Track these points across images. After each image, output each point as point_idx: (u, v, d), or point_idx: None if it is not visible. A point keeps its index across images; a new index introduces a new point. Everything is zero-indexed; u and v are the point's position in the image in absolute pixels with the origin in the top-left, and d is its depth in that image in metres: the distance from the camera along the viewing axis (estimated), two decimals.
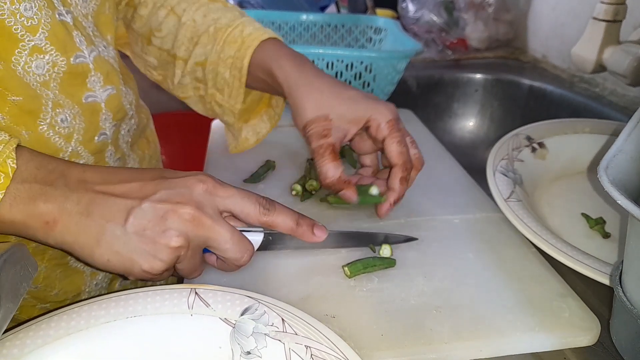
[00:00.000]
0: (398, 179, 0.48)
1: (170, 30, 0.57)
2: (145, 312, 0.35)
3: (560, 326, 0.38)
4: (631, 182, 0.35)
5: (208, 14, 0.56)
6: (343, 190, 0.48)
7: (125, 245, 0.35)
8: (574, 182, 0.59)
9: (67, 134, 0.44)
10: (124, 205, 0.36)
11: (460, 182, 0.59)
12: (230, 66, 0.55)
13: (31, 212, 0.34)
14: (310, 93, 0.49)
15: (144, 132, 0.60)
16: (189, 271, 0.40)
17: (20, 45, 0.40)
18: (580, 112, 0.85)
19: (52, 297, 0.48)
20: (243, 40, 0.54)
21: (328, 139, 0.48)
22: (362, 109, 0.48)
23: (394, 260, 0.44)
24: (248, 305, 0.36)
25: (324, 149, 0.48)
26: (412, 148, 0.50)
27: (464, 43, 1.09)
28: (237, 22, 0.55)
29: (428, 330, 0.37)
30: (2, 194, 0.33)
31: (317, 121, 0.48)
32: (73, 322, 0.34)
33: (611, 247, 0.49)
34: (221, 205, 0.38)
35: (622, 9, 0.64)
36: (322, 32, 0.97)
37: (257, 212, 0.39)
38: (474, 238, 0.48)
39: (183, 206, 0.36)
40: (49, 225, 0.34)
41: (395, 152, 0.48)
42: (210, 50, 0.55)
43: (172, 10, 0.57)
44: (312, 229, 0.42)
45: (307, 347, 0.33)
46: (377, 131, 0.48)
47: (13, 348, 0.32)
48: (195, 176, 0.38)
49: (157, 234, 0.36)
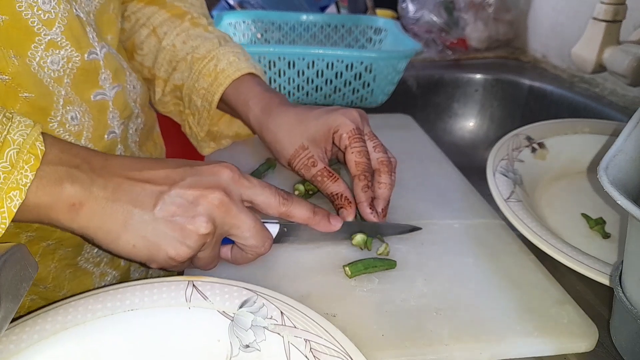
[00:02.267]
0: (359, 188, 0.48)
1: (151, 50, 0.59)
2: (142, 305, 0.35)
3: (558, 332, 0.38)
4: (631, 182, 0.35)
5: (187, 40, 0.58)
6: (343, 207, 0.48)
7: (153, 231, 0.35)
8: (574, 182, 0.59)
9: (77, 131, 0.44)
10: (152, 191, 0.36)
11: (458, 187, 0.58)
12: (202, 97, 0.57)
13: (57, 194, 0.33)
14: (280, 130, 0.51)
15: (151, 134, 0.60)
16: (208, 261, 0.40)
17: (36, 39, 0.39)
18: (580, 112, 0.85)
19: (60, 298, 0.48)
20: (216, 75, 0.55)
21: (317, 166, 0.49)
22: (327, 123, 0.49)
23: (394, 262, 0.44)
24: (246, 298, 0.36)
25: (320, 176, 0.49)
26: (376, 152, 0.50)
27: (464, 43, 1.09)
28: (212, 53, 0.56)
29: (428, 331, 0.37)
30: (32, 175, 0.32)
31: (297, 154, 0.50)
32: (70, 316, 0.34)
33: (611, 247, 0.49)
34: (244, 194, 0.39)
35: (622, 9, 0.64)
36: (322, 33, 0.97)
37: (277, 203, 0.40)
38: (473, 243, 0.48)
39: (213, 191, 0.36)
40: (74, 208, 0.34)
41: (352, 164, 0.48)
42: (187, 77, 0.57)
43: (154, 31, 0.58)
44: (328, 218, 0.43)
45: (306, 340, 0.33)
46: (339, 142, 0.49)
47: (9, 344, 0.32)
48: (221, 164, 0.39)
49: (187, 220, 0.36)
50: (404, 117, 0.78)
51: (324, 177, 0.49)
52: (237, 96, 0.55)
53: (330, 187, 0.48)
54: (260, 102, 0.53)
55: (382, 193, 0.49)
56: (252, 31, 0.96)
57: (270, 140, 0.52)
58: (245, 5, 1.08)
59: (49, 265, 0.46)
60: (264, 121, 0.52)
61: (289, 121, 0.51)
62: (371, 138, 0.50)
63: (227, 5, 1.08)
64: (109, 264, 0.52)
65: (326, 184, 0.49)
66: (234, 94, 0.55)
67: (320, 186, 0.49)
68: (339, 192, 0.48)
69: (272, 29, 0.97)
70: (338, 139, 0.49)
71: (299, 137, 0.50)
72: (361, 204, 0.48)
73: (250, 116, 0.54)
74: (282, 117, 0.51)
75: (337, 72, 0.76)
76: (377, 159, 0.49)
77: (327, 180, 0.48)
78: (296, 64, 0.76)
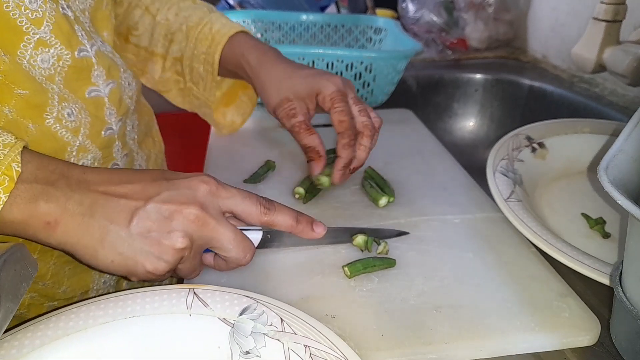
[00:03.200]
0: (341, 145, 0.51)
1: (146, 28, 0.62)
2: (143, 312, 0.35)
3: (560, 326, 0.38)
4: (631, 182, 0.35)
5: (179, 12, 0.61)
6: (313, 160, 0.52)
7: (129, 247, 0.35)
8: (574, 182, 0.59)
9: (74, 127, 0.44)
10: (128, 206, 0.36)
11: (460, 182, 0.59)
12: (203, 62, 0.60)
13: (32, 212, 0.34)
14: (270, 80, 0.55)
15: (150, 131, 0.61)
16: (189, 272, 0.40)
17: (25, 38, 0.40)
18: (580, 112, 0.85)
19: (60, 295, 0.48)
20: (213, 37, 0.59)
21: (297, 117, 0.52)
22: (311, 84, 0.53)
23: (394, 261, 0.44)
24: (247, 305, 0.36)
25: (297, 127, 0.52)
26: (360, 116, 0.53)
27: (464, 43, 1.09)
28: (205, 19, 0.60)
29: (428, 330, 0.37)
30: (5, 197, 0.32)
31: (281, 104, 0.53)
32: (71, 322, 0.34)
33: (611, 247, 0.49)
34: (223, 206, 0.39)
35: (622, 9, 0.64)
36: (322, 32, 0.97)
37: (258, 212, 0.40)
38: (474, 238, 0.48)
39: (188, 207, 0.36)
40: (50, 225, 0.34)
41: (336, 121, 0.51)
42: (185, 47, 0.60)
43: (147, 10, 0.62)
44: (312, 225, 0.42)
45: (306, 346, 0.33)
46: (323, 103, 0.52)
47: (11, 349, 0.32)
48: (198, 177, 0.39)
49: (163, 235, 0.36)
50: (405, 112, 0.78)
51: (301, 129, 0.52)
52: (232, 52, 0.58)
53: (305, 139, 0.52)
54: (254, 53, 0.57)
55: (359, 154, 0.53)
56: (252, 31, 0.96)
57: (259, 88, 0.56)
58: (245, 5, 1.08)
59: (48, 262, 0.46)
60: (257, 71, 0.56)
61: (279, 74, 0.54)
62: (356, 103, 0.53)
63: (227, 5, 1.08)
64: None
65: (302, 135, 0.52)
66: (229, 51, 0.58)
67: (296, 137, 0.53)
68: (312, 145, 0.52)
69: (272, 28, 0.97)
70: (322, 101, 0.52)
71: (285, 90, 0.54)
72: (340, 159, 0.52)
73: (245, 67, 0.57)
74: (273, 70, 0.55)
75: (337, 72, 0.76)
76: (361, 122, 0.52)
77: (304, 132, 0.52)
78: None
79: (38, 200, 0.34)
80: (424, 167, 0.61)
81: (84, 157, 0.45)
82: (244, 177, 0.58)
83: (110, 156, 0.49)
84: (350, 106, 0.52)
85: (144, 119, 0.58)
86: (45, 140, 0.42)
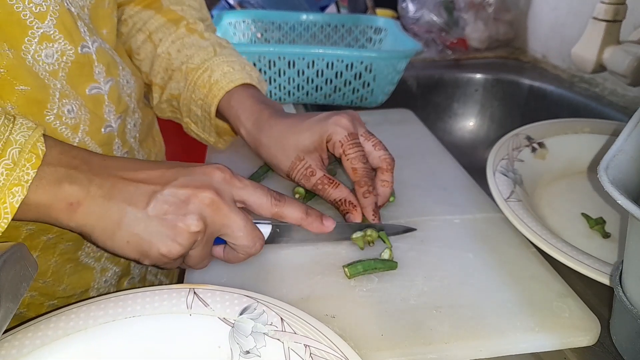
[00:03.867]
0: (360, 194, 0.48)
1: (147, 56, 0.59)
2: (143, 312, 0.35)
3: (560, 326, 0.38)
4: (631, 182, 0.35)
5: (182, 49, 0.57)
6: (349, 212, 0.48)
7: (145, 228, 0.36)
8: (574, 182, 0.59)
9: (73, 124, 0.44)
10: (146, 190, 0.37)
11: (460, 182, 0.59)
12: (201, 107, 0.56)
13: (56, 194, 0.35)
14: (275, 144, 0.51)
15: (151, 131, 0.61)
16: (199, 259, 0.40)
17: (29, 32, 0.40)
18: (580, 112, 0.85)
19: (60, 293, 0.48)
20: (210, 87, 0.55)
21: (316, 175, 0.49)
22: (318, 134, 0.49)
23: (395, 263, 0.44)
24: (247, 305, 0.36)
25: (320, 184, 0.49)
26: (376, 150, 0.50)
27: (464, 43, 1.09)
28: (206, 64, 0.56)
29: (428, 330, 0.37)
30: (34, 172, 0.34)
31: (294, 167, 0.50)
32: (72, 322, 0.34)
33: (611, 247, 0.49)
34: (236, 195, 0.40)
35: (622, 9, 0.64)
36: (322, 32, 0.97)
37: (269, 204, 0.41)
38: (474, 238, 0.48)
39: (203, 191, 0.37)
40: (72, 206, 0.35)
41: (350, 171, 0.48)
42: (183, 88, 0.57)
43: (150, 37, 0.58)
44: (321, 219, 0.43)
45: (306, 346, 0.33)
46: (333, 150, 0.49)
47: (12, 349, 0.32)
48: (213, 165, 0.40)
49: (178, 218, 0.37)
50: (405, 112, 0.78)
51: (325, 184, 0.49)
52: (229, 110, 0.54)
53: (332, 194, 0.49)
54: (252, 116, 0.53)
55: (383, 191, 0.50)
56: (252, 31, 0.96)
57: (265, 156, 0.52)
58: (245, 5, 1.08)
59: (49, 260, 0.46)
60: (257, 136, 0.52)
61: (281, 134, 0.50)
62: (368, 138, 0.50)
63: (227, 5, 1.08)
64: (110, 259, 0.52)
65: (328, 192, 0.49)
66: (226, 108, 0.55)
67: (322, 194, 0.50)
68: (342, 197, 0.49)
69: (272, 28, 0.97)
70: (332, 148, 0.49)
71: (293, 150, 0.50)
72: (365, 209, 0.48)
73: (242, 131, 0.54)
74: (273, 131, 0.51)
75: (337, 72, 0.76)
76: (379, 157, 0.49)
77: (329, 187, 0.49)
78: (296, 64, 0.76)
79: (62, 183, 0.35)
80: (424, 167, 0.61)
81: None
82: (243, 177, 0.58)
83: (110, 154, 0.49)
84: (362, 146, 0.49)
85: (147, 118, 0.58)
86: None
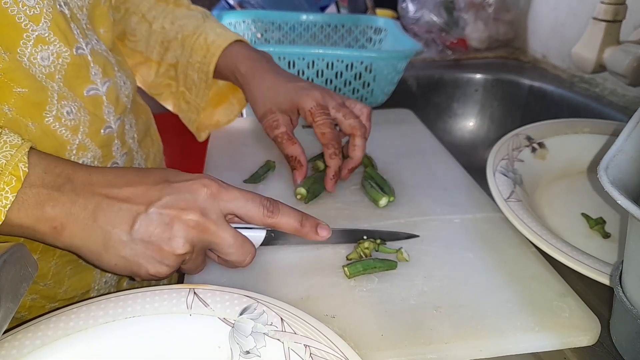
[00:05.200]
0: (327, 156, 0.53)
1: (143, 35, 0.64)
2: (144, 312, 0.35)
3: (560, 326, 0.38)
4: (631, 182, 0.35)
5: (175, 20, 0.63)
6: (295, 168, 0.54)
7: (131, 251, 0.36)
8: (574, 182, 0.59)
9: (73, 126, 0.44)
10: (130, 211, 0.36)
11: (460, 182, 0.59)
12: (197, 70, 0.62)
13: (39, 217, 0.34)
14: (258, 91, 0.57)
15: (148, 131, 0.61)
16: (193, 269, 0.41)
17: (24, 35, 0.40)
18: (580, 112, 0.85)
19: (61, 295, 0.48)
20: (208, 47, 0.61)
21: (280, 128, 0.55)
22: (292, 98, 0.54)
23: (395, 263, 0.44)
24: (247, 305, 0.36)
25: (280, 137, 0.55)
26: (347, 119, 0.54)
27: (464, 43, 1.09)
28: (200, 28, 0.62)
29: (428, 330, 0.37)
30: (13, 196, 0.33)
31: (265, 115, 0.56)
32: (72, 322, 0.34)
33: (611, 247, 0.49)
34: (225, 209, 0.39)
35: (622, 9, 0.64)
36: (322, 32, 0.97)
37: (260, 215, 0.40)
38: (474, 238, 0.48)
39: (188, 213, 0.37)
40: (56, 230, 0.35)
41: (319, 134, 0.53)
42: (180, 55, 0.63)
43: (144, 17, 0.64)
44: (316, 228, 0.42)
45: (306, 346, 0.33)
46: (305, 117, 0.55)
47: (12, 349, 0.32)
48: (199, 180, 0.38)
49: (163, 241, 0.36)
50: (405, 112, 0.78)
51: (284, 139, 0.54)
52: (226, 62, 0.60)
53: (287, 149, 0.54)
54: (246, 63, 0.59)
55: (355, 154, 0.55)
56: (252, 31, 0.96)
57: (249, 98, 0.59)
58: (245, 5, 1.08)
59: (49, 262, 0.46)
60: (248, 81, 0.58)
61: (265, 87, 0.57)
62: (338, 110, 0.54)
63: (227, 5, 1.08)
64: None
65: (284, 145, 0.54)
66: (223, 62, 0.60)
67: (279, 147, 0.55)
68: (294, 154, 0.54)
69: (272, 28, 0.97)
70: (303, 116, 0.54)
71: (269, 102, 0.56)
72: (328, 169, 0.54)
73: (237, 77, 0.59)
74: (262, 81, 0.57)
75: (337, 72, 0.76)
76: (349, 125, 0.54)
77: (286, 142, 0.54)
78: (296, 64, 0.76)
79: (44, 206, 0.34)
80: (424, 167, 0.61)
81: (83, 155, 0.45)
82: (244, 177, 0.58)
83: (109, 155, 0.49)
84: (332, 116, 0.54)
85: (142, 118, 0.59)
86: (45, 138, 0.42)
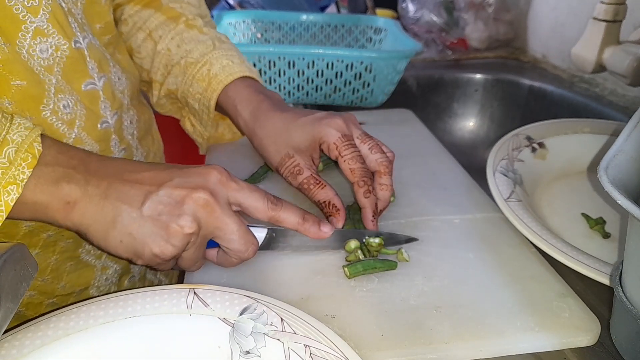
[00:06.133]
0: (361, 195, 0.47)
1: (148, 53, 0.60)
2: (144, 312, 0.35)
3: (560, 326, 0.38)
4: (631, 182, 0.35)
5: (181, 44, 0.58)
6: (332, 215, 0.47)
7: (139, 228, 0.36)
8: (574, 182, 0.59)
9: (69, 120, 0.44)
10: (141, 190, 0.37)
11: (460, 182, 0.59)
12: (199, 101, 0.57)
13: (54, 193, 0.35)
14: (267, 137, 0.51)
15: (150, 129, 0.61)
16: (191, 262, 0.40)
17: (23, 27, 0.40)
18: (580, 112, 0.85)
19: (59, 290, 0.48)
20: (209, 81, 0.56)
21: (303, 173, 0.48)
22: (311, 133, 0.48)
23: (395, 263, 0.44)
24: (247, 305, 0.36)
25: (306, 184, 0.48)
26: (373, 154, 0.48)
27: (464, 43, 1.09)
28: (206, 57, 0.56)
29: (428, 330, 0.37)
30: (29, 172, 0.34)
31: (283, 162, 0.50)
32: (72, 322, 0.34)
33: (611, 247, 0.49)
34: (232, 197, 0.40)
35: (622, 9, 0.64)
36: (322, 32, 0.97)
37: (265, 207, 0.40)
38: (474, 238, 0.48)
39: (198, 191, 0.37)
40: (69, 205, 0.36)
41: (347, 172, 0.47)
42: (181, 82, 0.58)
43: (150, 35, 0.59)
44: (319, 225, 0.43)
45: (306, 346, 0.33)
46: (329, 152, 0.48)
47: (12, 349, 0.32)
48: (210, 166, 0.40)
49: (172, 219, 0.37)
50: (405, 112, 0.78)
51: (311, 184, 0.48)
52: (226, 101, 0.55)
53: (317, 195, 0.48)
54: (249, 106, 0.53)
55: (383, 195, 0.48)
56: (252, 31, 0.96)
57: (257, 146, 0.53)
58: (245, 5, 1.08)
59: (49, 258, 0.46)
60: (252, 127, 0.52)
61: (275, 129, 0.50)
62: (364, 140, 0.49)
63: (227, 5, 1.08)
64: (111, 256, 0.52)
65: (313, 192, 0.48)
66: (224, 99, 0.55)
67: (307, 194, 0.49)
68: (326, 199, 0.47)
69: (272, 28, 0.97)
70: (327, 150, 0.48)
71: (284, 146, 0.50)
72: (365, 209, 0.47)
73: (239, 120, 0.54)
74: (268, 124, 0.51)
75: (337, 72, 0.76)
76: (376, 160, 0.48)
77: (314, 187, 0.48)
78: (296, 64, 0.76)
79: (60, 182, 0.35)
80: (424, 167, 0.61)
81: None
82: (243, 177, 0.58)
83: (107, 150, 0.49)
84: (358, 148, 0.48)
85: (144, 116, 0.59)
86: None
